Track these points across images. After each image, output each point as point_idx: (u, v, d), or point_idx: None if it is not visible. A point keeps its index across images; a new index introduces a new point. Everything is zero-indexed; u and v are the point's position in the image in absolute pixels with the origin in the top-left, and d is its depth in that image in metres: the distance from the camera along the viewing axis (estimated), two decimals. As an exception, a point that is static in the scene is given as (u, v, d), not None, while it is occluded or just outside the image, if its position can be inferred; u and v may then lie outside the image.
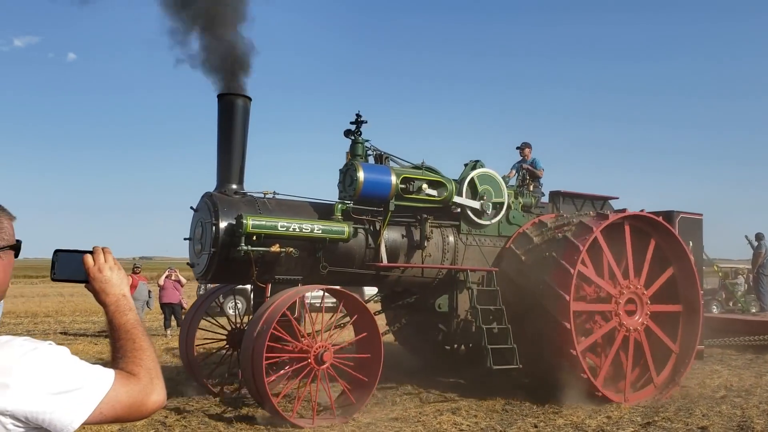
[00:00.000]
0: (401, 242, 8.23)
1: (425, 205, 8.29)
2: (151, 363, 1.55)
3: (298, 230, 7.31)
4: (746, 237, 15.96)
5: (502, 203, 8.81)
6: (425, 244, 8.20)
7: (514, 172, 10.13)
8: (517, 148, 10.41)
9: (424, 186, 8.08)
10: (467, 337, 8.33)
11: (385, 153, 8.34)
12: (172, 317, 14.79)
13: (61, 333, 15.61)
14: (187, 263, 7.98)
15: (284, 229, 7.23)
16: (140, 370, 1.52)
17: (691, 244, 9.47)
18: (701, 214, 9.90)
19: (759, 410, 7.57)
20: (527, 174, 9.96)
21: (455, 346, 9.86)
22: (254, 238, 7.08)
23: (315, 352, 6.82)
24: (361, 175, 7.70)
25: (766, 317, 14.43)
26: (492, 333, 7.97)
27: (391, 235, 8.16)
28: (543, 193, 9.90)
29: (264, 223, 7.15)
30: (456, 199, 8.42)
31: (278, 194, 7.84)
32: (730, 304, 19.96)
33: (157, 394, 1.52)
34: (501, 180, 8.89)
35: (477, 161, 8.80)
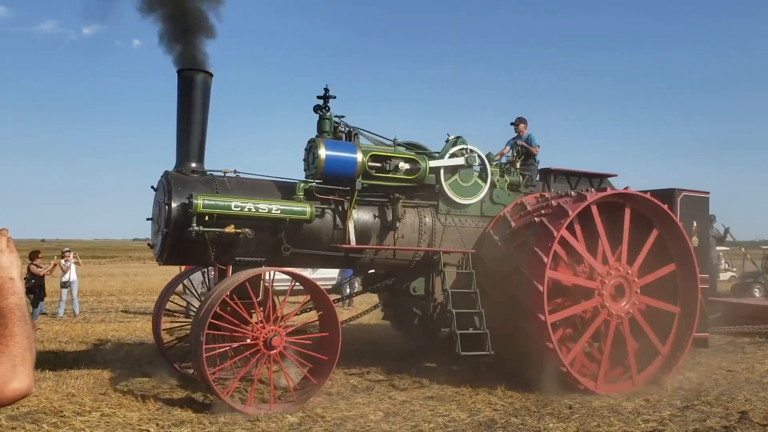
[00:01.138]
0: (373, 223, 7.90)
1: (398, 184, 7.92)
2: (17, 350, 1.48)
3: (253, 210, 7.04)
4: None
5: (485, 183, 8.42)
6: (397, 225, 7.86)
7: (508, 148, 9.73)
8: (512, 123, 10.01)
9: (401, 164, 7.76)
10: (443, 322, 7.90)
11: (355, 129, 7.93)
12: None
13: (122, 311, 16.30)
14: (148, 244, 7.82)
15: (238, 209, 6.97)
16: (1, 356, 1.46)
17: (695, 224, 9.12)
18: (708, 192, 9.32)
19: (805, 396, 7.37)
20: (522, 151, 9.55)
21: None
22: (206, 218, 6.83)
23: (264, 336, 6.59)
24: (322, 152, 7.34)
25: None
26: (463, 317, 7.64)
27: (362, 215, 7.84)
28: (538, 171, 9.50)
29: (216, 202, 6.89)
30: (433, 163, 8.03)
31: (240, 173, 7.58)
32: None
33: (18, 381, 1.46)
34: (484, 157, 8.47)
35: (458, 137, 8.37)
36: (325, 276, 18.58)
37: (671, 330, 8.27)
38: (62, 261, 15.57)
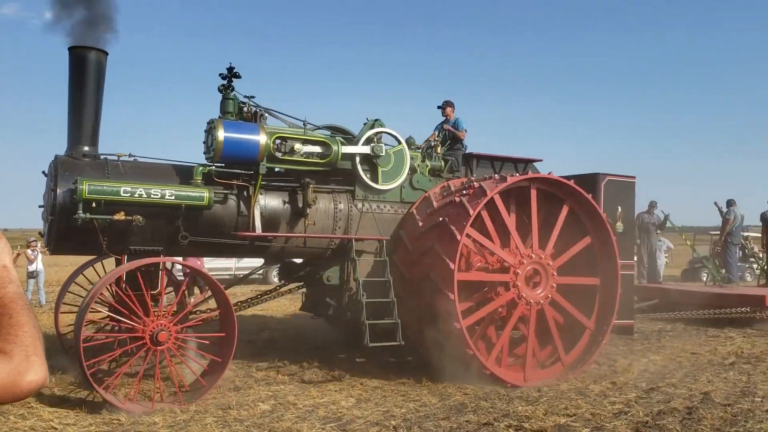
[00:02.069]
0: (282, 209, 7.49)
1: (307, 168, 7.54)
2: (28, 339, 1.41)
3: (145, 196, 6.60)
4: (716, 204, 15.03)
5: (404, 168, 8.05)
6: (308, 212, 7.45)
7: (436, 133, 9.41)
8: (439, 107, 9.69)
9: (297, 146, 7.30)
10: (357, 312, 7.47)
11: (263, 109, 7.51)
12: (195, 287, 15.17)
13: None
14: (39, 233, 7.44)
15: (128, 194, 6.52)
16: (14, 347, 1.38)
17: (620, 209, 8.83)
18: (633, 177, 9.01)
19: (765, 376, 7.63)
20: (448, 135, 9.29)
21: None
22: (93, 204, 6.39)
23: (150, 331, 6.25)
24: (221, 134, 6.89)
25: (730, 289, 13.48)
26: (373, 307, 7.31)
27: (270, 201, 7.44)
28: (462, 156, 9.17)
29: (104, 187, 6.44)
30: (345, 149, 7.66)
31: (138, 157, 7.18)
32: (723, 272, 19.68)
33: (34, 373, 1.38)
34: (403, 141, 8.12)
35: (376, 120, 7.98)
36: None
37: (595, 304, 8.09)
38: (28, 251, 15.30)
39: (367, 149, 7.77)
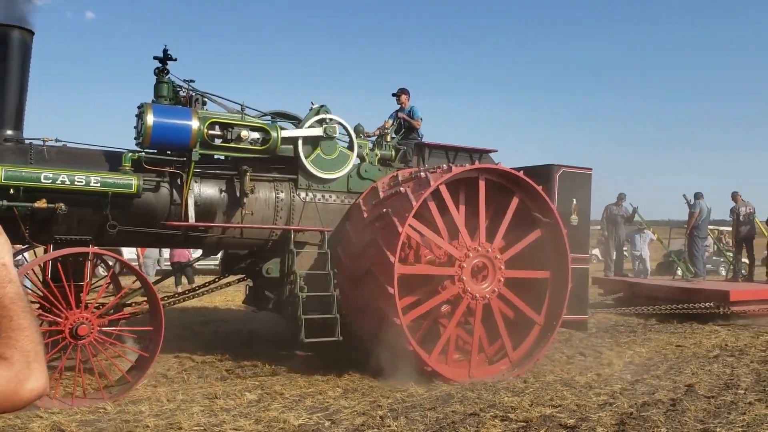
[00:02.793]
0: (219, 198, 7.18)
1: (244, 155, 7.22)
2: (29, 344, 1.32)
3: (68, 183, 6.24)
4: (684, 196, 14.72)
5: (350, 156, 7.76)
6: (245, 201, 7.16)
7: (390, 121, 9.12)
8: (393, 94, 9.39)
9: (244, 133, 7.02)
10: (297, 305, 7.14)
11: (200, 94, 7.20)
12: (183, 276, 15.10)
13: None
14: None
15: (50, 181, 6.17)
16: (14, 352, 1.30)
17: (574, 201, 8.50)
18: (590, 169, 8.69)
19: (749, 369, 7.71)
20: (403, 124, 9.04)
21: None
22: (11, 191, 6.09)
23: (70, 324, 5.98)
24: (150, 118, 6.54)
25: (695, 284, 13.28)
26: (310, 301, 7.08)
27: (206, 189, 7.12)
28: (414, 145, 8.81)
29: (22, 174, 6.10)
30: (286, 133, 7.33)
31: (66, 142, 6.84)
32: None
33: (34, 380, 1.30)
34: (350, 129, 7.83)
35: (322, 106, 7.67)
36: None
37: (545, 298, 7.85)
38: None
39: (319, 131, 7.48)
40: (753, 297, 12.02)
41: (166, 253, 16.29)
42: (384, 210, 7.05)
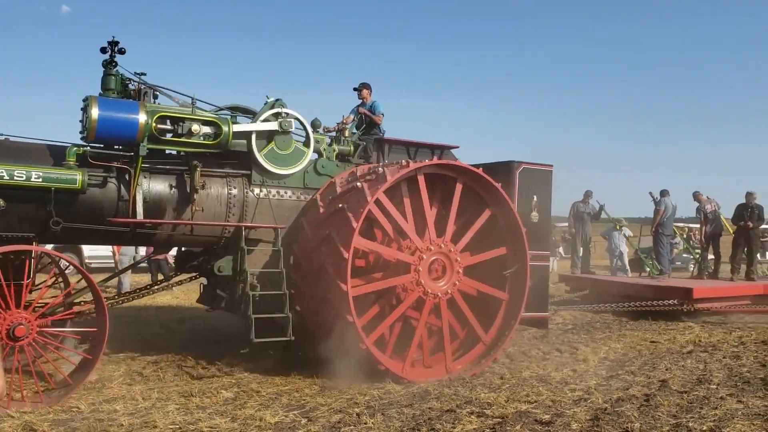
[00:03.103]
0: (168, 194, 6.95)
1: (194, 150, 7.02)
2: None
3: (7, 178, 6.04)
4: (650, 194, 14.64)
5: (306, 151, 7.55)
6: (195, 197, 6.94)
7: (352, 116, 8.97)
8: (355, 89, 9.22)
9: (195, 127, 6.79)
10: (254, 305, 6.89)
11: (150, 87, 6.99)
12: (159, 274, 14.94)
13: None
14: None
15: None
16: None
17: (535, 198, 8.41)
18: (551, 165, 8.60)
19: (721, 364, 7.84)
20: (364, 119, 8.88)
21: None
22: None
23: (7, 325, 5.75)
24: (94, 112, 6.32)
25: (660, 281, 13.26)
26: (262, 300, 6.90)
27: (155, 185, 6.89)
28: (374, 141, 8.61)
29: None
30: (237, 127, 7.12)
31: (9, 136, 6.62)
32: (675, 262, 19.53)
33: None
34: (307, 123, 7.61)
35: (277, 100, 7.46)
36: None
37: (497, 316, 7.72)
38: None
39: (273, 125, 7.27)
40: (716, 294, 12.12)
41: (143, 249, 16.15)
42: (340, 205, 6.91)
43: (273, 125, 7.32)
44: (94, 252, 17.69)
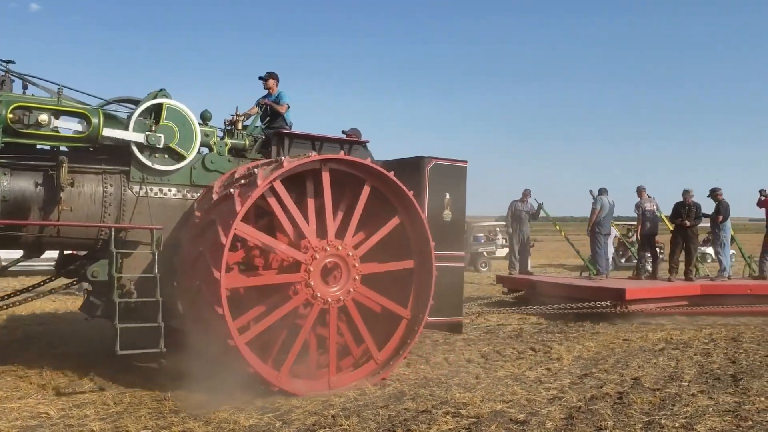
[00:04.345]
0: (33, 193, 6.23)
1: (62, 144, 6.44)
2: None
3: None
4: (591, 192, 14.26)
5: (192, 145, 6.85)
6: (62, 196, 6.24)
7: (256, 108, 8.36)
8: (261, 78, 8.64)
9: (43, 117, 6.09)
10: (127, 312, 6.28)
11: (15, 75, 6.38)
12: None
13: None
14: None
15: None
16: None
17: (447, 196, 7.86)
18: (465, 161, 8.06)
19: (692, 361, 7.93)
20: (269, 110, 8.33)
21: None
22: None
23: None
24: None
25: (594, 282, 13.01)
26: (130, 308, 6.28)
27: (18, 183, 6.18)
28: (273, 134, 7.83)
29: None
30: (108, 132, 6.40)
31: None
32: (623, 261, 19.36)
33: None
34: (191, 116, 6.87)
35: (161, 90, 6.82)
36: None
37: (395, 331, 7.09)
38: None
39: (140, 137, 6.53)
40: (649, 295, 11.84)
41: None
42: (212, 218, 6.26)
43: (150, 134, 6.58)
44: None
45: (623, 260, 24.33)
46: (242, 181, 6.34)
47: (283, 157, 6.54)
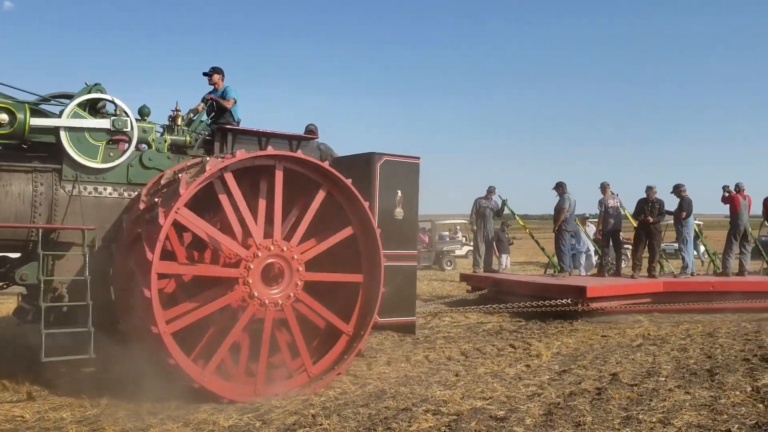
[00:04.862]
0: None
1: None
2: None
3: None
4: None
5: (129, 141, 6.58)
6: None
7: (202, 104, 8.10)
8: (205, 74, 8.31)
9: None
10: (65, 317, 6.04)
11: None
12: None
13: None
14: None
15: None
16: None
17: (399, 193, 7.61)
18: (418, 157, 7.83)
19: (669, 357, 7.99)
20: (215, 106, 8.03)
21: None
22: None
23: None
24: None
25: (556, 280, 12.90)
26: (61, 312, 6.04)
27: None
28: (216, 130, 7.53)
29: None
30: (35, 121, 6.13)
31: None
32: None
33: None
34: (128, 112, 6.60)
35: (96, 84, 6.50)
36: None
37: (334, 345, 6.80)
38: None
39: (84, 115, 6.28)
40: (611, 293, 11.67)
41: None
42: (156, 200, 6.03)
43: (84, 115, 6.31)
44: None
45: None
46: (191, 170, 6.16)
47: (229, 152, 6.33)
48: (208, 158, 6.19)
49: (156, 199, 5.99)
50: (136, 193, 6.56)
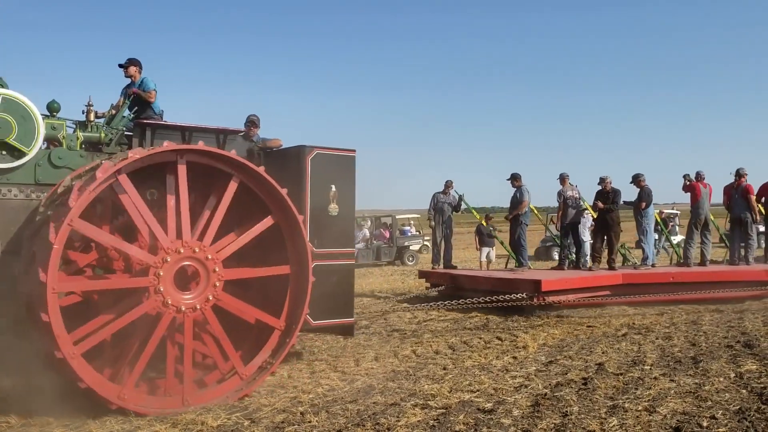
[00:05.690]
0: None
1: None
2: None
3: None
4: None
5: (34, 140, 5.99)
6: None
7: (122, 98, 7.68)
8: (121, 66, 7.84)
9: None
10: None
11: None
12: None
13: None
14: None
15: None
16: None
17: (333, 188, 7.28)
18: (354, 150, 7.50)
19: (654, 345, 8.07)
20: (135, 99, 7.61)
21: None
22: None
23: None
24: None
25: (513, 274, 12.57)
26: None
27: None
28: (134, 124, 7.02)
29: None
30: None
31: None
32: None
33: None
34: (33, 108, 6.01)
35: None
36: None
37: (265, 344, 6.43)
38: None
39: None
40: (567, 286, 11.27)
41: None
42: (49, 213, 5.57)
43: None
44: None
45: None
46: (87, 175, 5.68)
47: (145, 149, 5.88)
48: (101, 162, 5.69)
49: (49, 212, 5.55)
50: (44, 193, 6.04)
